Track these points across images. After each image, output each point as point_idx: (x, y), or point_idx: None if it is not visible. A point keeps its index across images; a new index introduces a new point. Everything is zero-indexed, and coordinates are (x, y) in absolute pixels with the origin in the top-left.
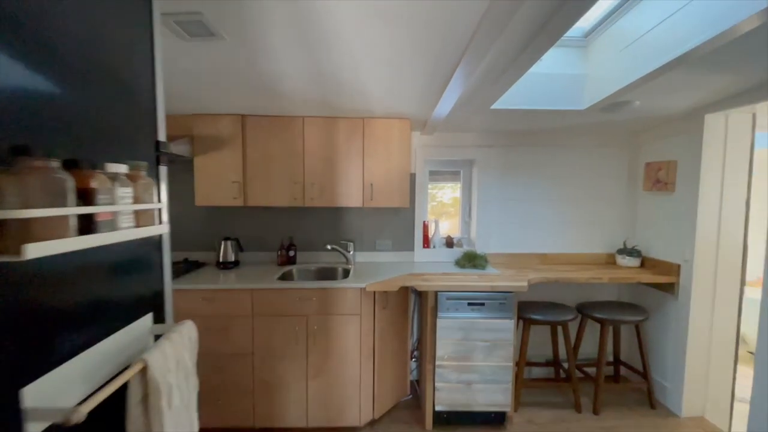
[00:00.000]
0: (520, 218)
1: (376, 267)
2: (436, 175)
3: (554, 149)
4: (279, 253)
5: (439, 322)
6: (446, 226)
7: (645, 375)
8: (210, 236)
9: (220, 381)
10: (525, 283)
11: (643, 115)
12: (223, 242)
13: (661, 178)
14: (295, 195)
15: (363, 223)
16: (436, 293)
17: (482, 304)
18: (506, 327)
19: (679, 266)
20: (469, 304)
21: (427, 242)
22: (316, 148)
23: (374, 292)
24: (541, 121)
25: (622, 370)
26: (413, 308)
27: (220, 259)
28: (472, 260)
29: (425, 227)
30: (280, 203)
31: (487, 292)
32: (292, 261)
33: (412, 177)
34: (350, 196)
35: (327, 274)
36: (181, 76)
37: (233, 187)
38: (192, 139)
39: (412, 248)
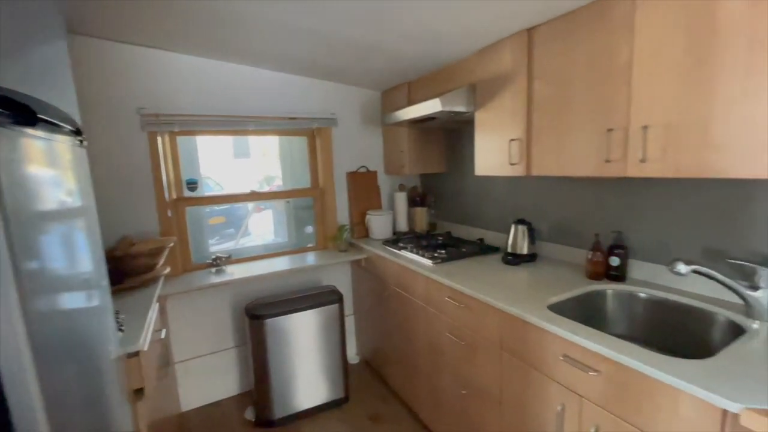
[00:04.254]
0: None
1: None
2: None
3: None
4: (591, 255)
5: None
6: None
7: None
8: (506, 215)
9: (461, 408)
10: None
11: None
12: (513, 226)
13: None
14: (606, 154)
15: None
16: None
17: None
18: None
19: None
20: None
21: None
22: (661, 47)
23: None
24: None
25: None
26: None
27: (509, 249)
28: None
29: None
30: (578, 171)
31: None
32: (615, 275)
33: None
34: (754, 151)
35: (676, 322)
36: None
37: (511, 149)
38: (474, 88)
39: None
